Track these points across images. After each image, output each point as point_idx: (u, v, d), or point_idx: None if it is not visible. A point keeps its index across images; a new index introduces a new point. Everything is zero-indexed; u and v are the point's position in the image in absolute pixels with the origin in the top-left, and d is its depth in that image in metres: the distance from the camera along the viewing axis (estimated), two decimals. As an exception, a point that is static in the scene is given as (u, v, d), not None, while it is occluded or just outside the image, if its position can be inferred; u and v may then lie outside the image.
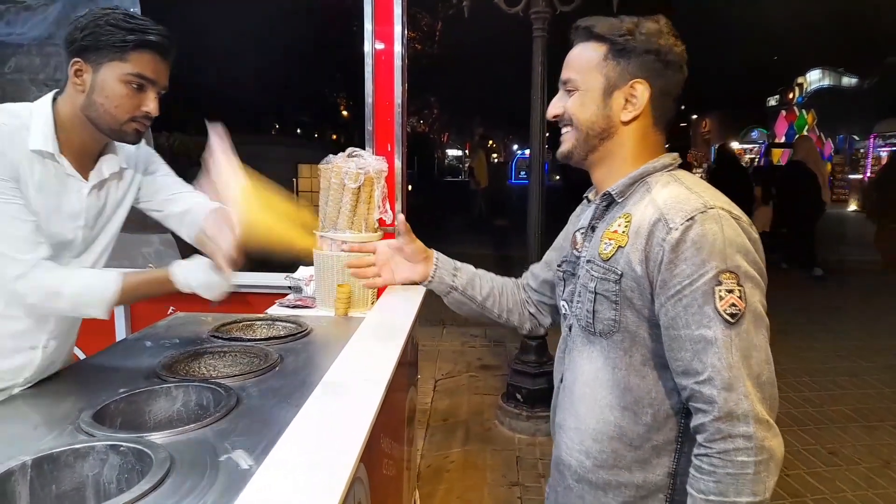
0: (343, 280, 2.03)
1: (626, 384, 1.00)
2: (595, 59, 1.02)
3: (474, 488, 2.77)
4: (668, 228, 0.92)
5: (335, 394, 1.30)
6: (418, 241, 1.36)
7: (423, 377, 3.84)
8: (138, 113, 1.25)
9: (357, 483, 1.10)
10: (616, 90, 1.01)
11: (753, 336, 0.88)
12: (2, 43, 2.41)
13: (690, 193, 0.95)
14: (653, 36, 1.00)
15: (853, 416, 3.47)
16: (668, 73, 1.01)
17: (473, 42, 11.62)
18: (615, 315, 0.99)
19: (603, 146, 1.04)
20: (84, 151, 1.31)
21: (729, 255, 0.89)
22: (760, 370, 0.88)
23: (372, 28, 2.29)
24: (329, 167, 2.07)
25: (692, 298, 0.89)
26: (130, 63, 1.21)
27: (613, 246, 1.00)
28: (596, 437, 1.03)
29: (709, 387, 0.87)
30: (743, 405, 0.85)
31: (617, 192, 1.04)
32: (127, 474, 1.04)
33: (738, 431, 0.85)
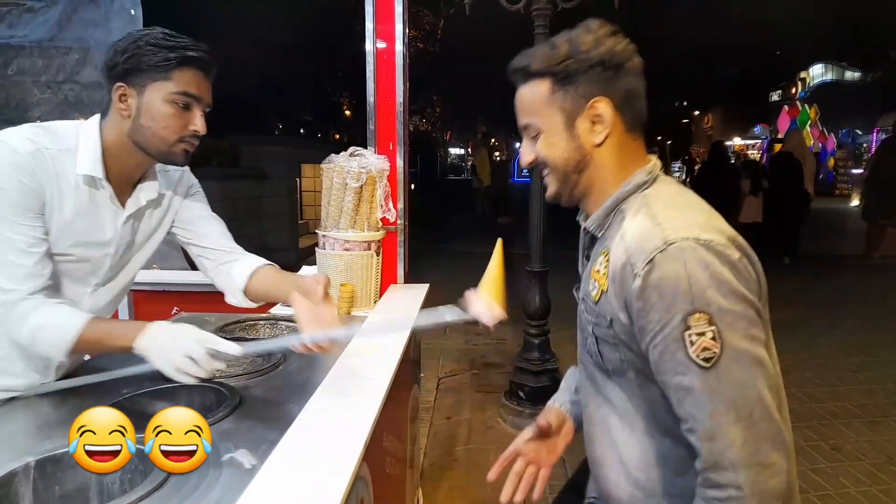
0: (346, 279, 2.03)
1: (652, 414, 0.95)
2: (543, 96, 0.96)
3: (477, 486, 2.77)
4: (633, 275, 0.86)
5: (338, 393, 1.30)
6: (548, 419, 1.21)
7: (426, 375, 3.85)
8: (186, 133, 1.22)
9: (360, 482, 1.11)
10: (577, 118, 0.96)
11: (738, 375, 0.81)
12: (4, 45, 2.42)
13: (654, 226, 0.87)
14: (591, 49, 0.93)
15: (856, 412, 3.46)
16: (621, 77, 0.94)
17: (475, 40, 11.61)
18: (620, 356, 0.94)
19: (584, 177, 0.99)
20: (125, 178, 1.28)
21: (696, 295, 0.81)
22: (751, 408, 0.81)
23: (373, 27, 2.29)
24: (331, 166, 2.07)
25: (664, 346, 0.84)
26: (174, 82, 1.18)
27: (598, 290, 0.95)
28: (641, 466, 0.97)
29: (693, 437, 0.83)
30: (728, 454, 0.80)
31: (594, 227, 1.00)
32: (130, 474, 1.04)
33: (726, 480, 0.80)
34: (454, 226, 11.47)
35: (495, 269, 1.10)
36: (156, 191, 1.34)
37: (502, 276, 1.10)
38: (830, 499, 2.64)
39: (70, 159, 1.20)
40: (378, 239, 2.13)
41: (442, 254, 8.15)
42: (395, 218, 2.28)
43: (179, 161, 1.26)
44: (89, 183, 1.22)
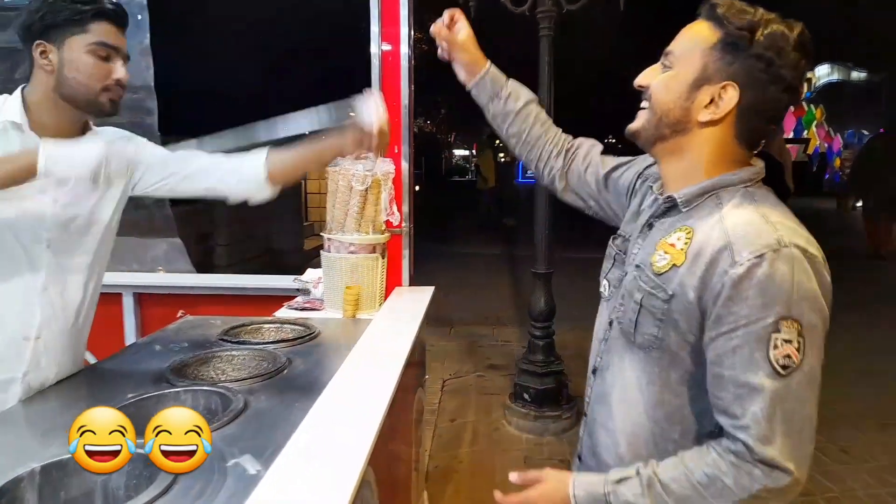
0: (351, 282, 2.03)
1: (659, 399, 0.95)
2: (703, 42, 0.90)
3: (482, 489, 2.77)
4: (732, 261, 0.83)
5: (343, 397, 1.30)
6: (475, 48, 1.27)
7: (431, 377, 3.84)
8: (110, 81, 1.28)
9: (365, 486, 1.10)
10: (706, 84, 0.90)
11: (803, 391, 0.83)
12: (13, 49, 2.42)
13: (765, 223, 0.85)
14: (775, 42, 0.86)
15: (866, 414, 3.44)
16: (770, 88, 0.88)
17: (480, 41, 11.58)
18: (658, 332, 0.92)
19: (674, 139, 0.94)
20: (60, 132, 1.31)
21: (795, 303, 0.81)
22: (803, 426, 0.83)
23: (379, 30, 2.29)
24: (337, 170, 2.07)
25: (744, 341, 0.82)
26: (92, 33, 1.25)
27: (668, 262, 0.91)
28: (630, 441, 0.99)
29: (745, 434, 0.83)
30: (776, 460, 0.81)
31: (683, 201, 0.95)
32: (135, 480, 1.04)
33: (758, 466, 0.82)
34: (459, 227, 11.47)
35: None
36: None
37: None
38: (838, 501, 2.62)
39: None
40: (383, 242, 2.13)
41: (447, 255, 8.15)
42: (400, 221, 2.28)
43: (107, 110, 1.31)
44: (15, 130, 1.26)
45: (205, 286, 2.55)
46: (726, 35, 0.89)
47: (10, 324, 1.31)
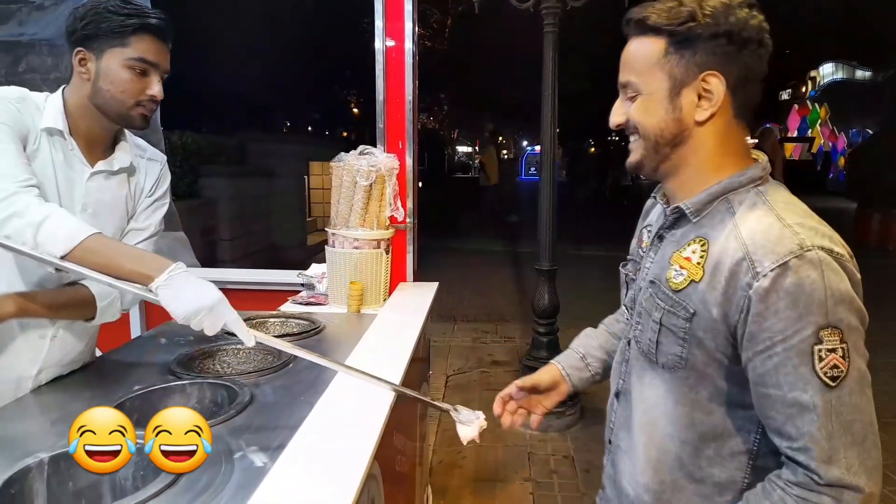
0: (355, 277, 2.03)
1: (689, 420, 0.89)
2: (654, 55, 0.87)
3: (486, 484, 2.77)
4: (754, 272, 0.78)
5: (348, 391, 1.30)
6: (541, 379, 1.20)
7: (435, 373, 3.85)
8: (144, 97, 1.27)
9: (371, 479, 1.10)
10: (684, 87, 0.86)
11: (858, 398, 0.77)
12: (14, 43, 2.43)
13: (783, 227, 0.80)
14: (720, 15, 0.83)
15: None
16: (745, 54, 0.84)
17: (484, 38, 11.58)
18: (682, 352, 0.88)
19: (676, 153, 0.90)
20: (93, 139, 1.33)
21: (831, 309, 0.76)
22: (865, 434, 0.77)
23: (383, 25, 2.29)
24: (341, 165, 2.07)
25: (785, 357, 0.77)
26: (132, 48, 1.24)
27: (686, 277, 0.87)
28: (656, 468, 0.94)
29: (805, 456, 0.77)
30: (845, 479, 0.76)
31: (692, 211, 0.89)
32: (143, 472, 1.04)
33: (829, 492, 0.76)
34: (462, 224, 11.46)
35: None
36: (129, 159, 1.39)
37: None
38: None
39: (38, 116, 1.26)
40: (387, 237, 2.13)
41: (450, 252, 8.15)
42: (404, 216, 2.28)
43: (138, 124, 1.31)
44: (56, 136, 1.27)
45: (209, 280, 2.55)
46: (672, 37, 0.85)
47: (29, 323, 1.31)
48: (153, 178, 1.49)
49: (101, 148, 1.36)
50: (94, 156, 1.34)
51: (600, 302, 1.16)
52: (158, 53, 1.27)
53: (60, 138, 1.28)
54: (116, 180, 1.39)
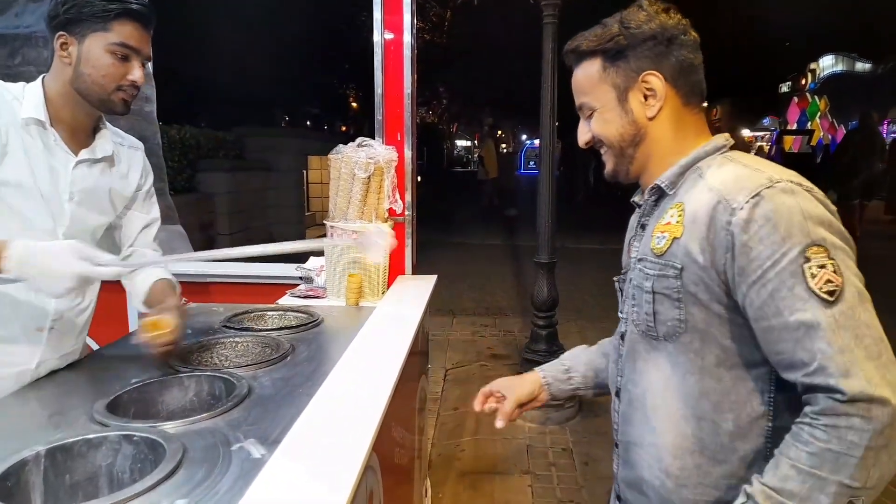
0: (354, 270, 2.03)
1: (700, 390, 0.89)
2: (595, 74, 0.97)
3: (485, 477, 2.78)
4: (731, 210, 0.82)
5: (346, 383, 1.30)
6: (522, 382, 1.25)
7: (434, 366, 3.85)
8: (125, 82, 1.27)
9: (369, 471, 1.10)
10: (629, 92, 0.96)
11: (860, 312, 0.77)
12: (10, 35, 2.42)
13: (751, 171, 0.86)
14: (642, 24, 0.94)
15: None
16: (673, 49, 0.94)
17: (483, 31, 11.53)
18: (679, 314, 0.89)
19: (639, 152, 0.98)
20: (75, 126, 1.32)
21: (812, 229, 0.79)
22: (879, 350, 0.76)
23: (381, 18, 2.27)
24: (339, 157, 2.07)
25: (779, 282, 0.79)
26: (114, 33, 1.23)
27: (668, 238, 0.91)
28: (675, 454, 0.92)
29: (822, 376, 0.76)
30: (868, 390, 0.73)
31: (667, 184, 0.96)
32: (140, 464, 1.04)
33: (855, 410, 0.74)
34: (461, 218, 11.45)
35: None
36: (110, 148, 1.39)
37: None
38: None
39: (17, 106, 1.25)
40: (387, 229, 2.12)
41: (449, 246, 8.15)
42: (403, 209, 2.27)
43: (118, 109, 1.30)
44: (37, 126, 1.27)
45: (207, 274, 2.55)
46: (604, 54, 0.96)
47: (25, 315, 1.31)
48: (138, 168, 1.49)
49: (84, 135, 1.35)
50: (78, 143, 1.33)
51: (599, 295, 1.15)
52: (140, 39, 1.27)
53: (41, 128, 1.27)
54: (99, 168, 1.38)
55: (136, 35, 1.26)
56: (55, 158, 1.29)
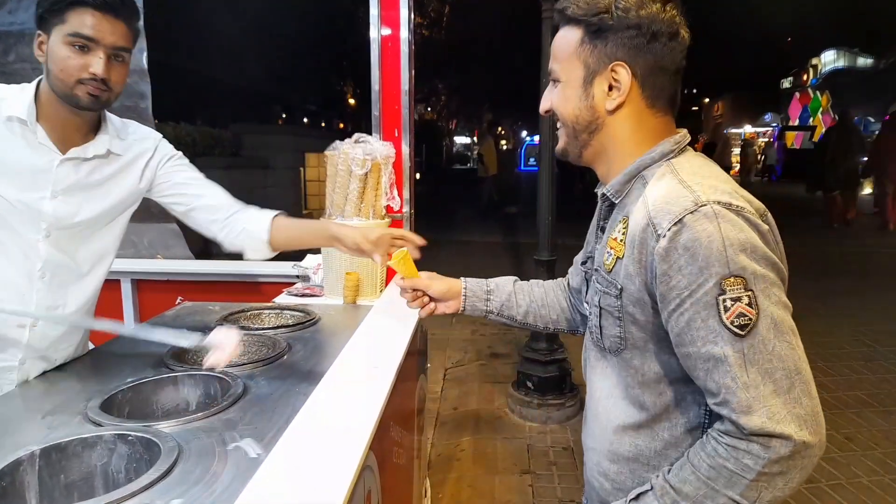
0: (351, 268, 2.01)
1: (640, 402, 0.92)
2: (572, 45, 0.91)
3: (485, 476, 2.77)
4: (655, 235, 0.81)
5: (344, 382, 1.29)
6: (443, 280, 1.23)
7: (433, 366, 3.84)
8: (85, 75, 1.21)
9: (367, 471, 1.09)
10: (596, 76, 0.90)
11: (774, 344, 0.77)
12: (4, 33, 2.40)
13: (682, 188, 0.83)
14: (632, 8, 0.87)
15: (868, 401, 3.43)
16: (654, 46, 0.88)
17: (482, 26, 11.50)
18: (620, 332, 0.91)
19: (594, 140, 0.94)
20: (64, 125, 1.29)
21: (731, 258, 0.77)
22: (791, 383, 0.77)
23: (378, 13, 2.26)
24: (336, 153, 2.05)
25: (694, 312, 0.79)
26: (69, 24, 1.19)
27: (613, 257, 0.91)
28: (612, 458, 0.96)
29: (726, 409, 0.78)
30: (766, 427, 0.75)
31: (612, 193, 0.94)
32: (135, 463, 1.03)
33: (757, 441, 0.76)
34: (460, 215, 11.44)
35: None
36: (105, 147, 1.36)
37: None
38: (843, 488, 2.62)
39: (5, 107, 1.24)
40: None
41: (448, 244, 8.13)
42: (401, 206, 2.25)
43: (85, 104, 1.25)
44: (20, 125, 1.25)
45: (203, 272, 2.53)
46: (587, 27, 0.90)
47: (5, 311, 1.29)
48: (148, 150, 1.46)
49: (80, 134, 1.32)
50: (70, 142, 1.31)
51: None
52: (99, 27, 1.20)
53: (23, 126, 1.25)
54: (91, 165, 1.35)
55: (94, 24, 1.19)
56: (38, 156, 1.27)
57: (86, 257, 1.39)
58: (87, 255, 1.40)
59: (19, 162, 1.25)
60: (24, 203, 1.27)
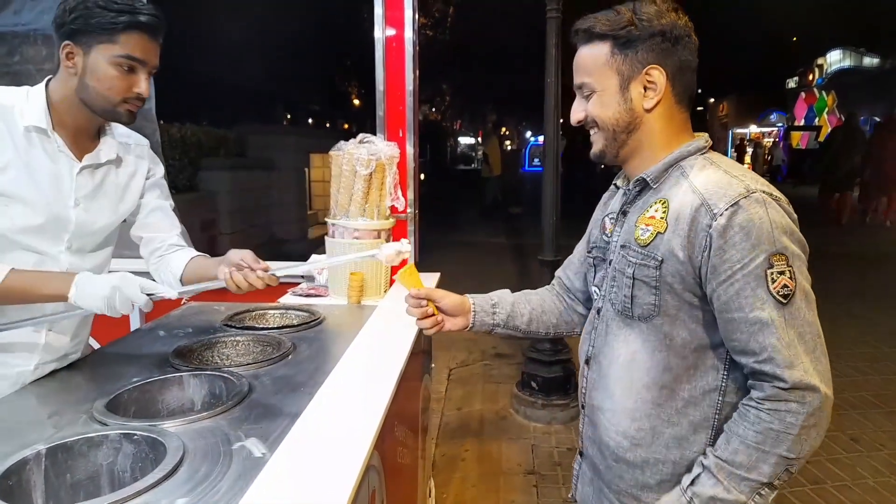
0: (355, 268, 2.02)
1: (665, 364, 1.01)
2: (602, 58, 1.01)
3: (490, 477, 2.77)
4: (711, 214, 0.92)
5: (348, 382, 1.29)
6: (451, 296, 1.25)
7: (438, 366, 3.83)
8: (130, 94, 1.25)
9: (371, 471, 1.09)
10: (632, 81, 1.01)
11: (805, 313, 0.92)
12: (9, 34, 2.40)
13: (730, 178, 0.96)
14: (654, 18, 0.99)
15: (874, 402, 3.41)
16: (678, 48, 1.00)
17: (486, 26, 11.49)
18: (655, 300, 1.00)
19: (632, 139, 1.04)
20: (78, 132, 1.31)
21: (777, 238, 0.91)
22: (815, 345, 0.92)
23: (383, 13, 2.26)
24: (340, 153, 2.05)
25: (745, 283, 0.91)
26: (120, 45, 1.20)
27: (652, 232, 1.00)
28: (633, 416, 1.05)
29: (770, 365, 0.90)
30: (805, 380, 0.89)
31: (651, 178, 1.04)
32: (140, 463, 1.04)
33: (794, 396, 0.89)
34: (464, 215, 11.43)
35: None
36: (115, 151, 1.38)
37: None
38: (849, 489, 2.60)
39: (16, 115, 1.23)
40: (388, 227, 2.11)
41: (452, 244, 8.13)
42: (405, 206, 2.26)
43: (124, 120, 1.29)
44: (38, 134, 1.25)
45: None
46: (615, 40, 1.00)
47: (23, 318, 1.29)
48: (145, 164, 1.48)
49: (88, 139, 1.33)
50: (81, 148, 1.31)
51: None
52: (147, 50, 1.24)
53: (43, 135, 1.25)
54: (103, 171, 1.37)
55: (143, 46, 1.23)
56: (59, 165, 1.28)
57: (96, 264, 1.40)
58: (99, 261, 1.41)
59: (43, 172, 1.25)
60: (52, 214, 1.27)
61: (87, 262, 1.37)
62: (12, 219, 1.23)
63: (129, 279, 1.19)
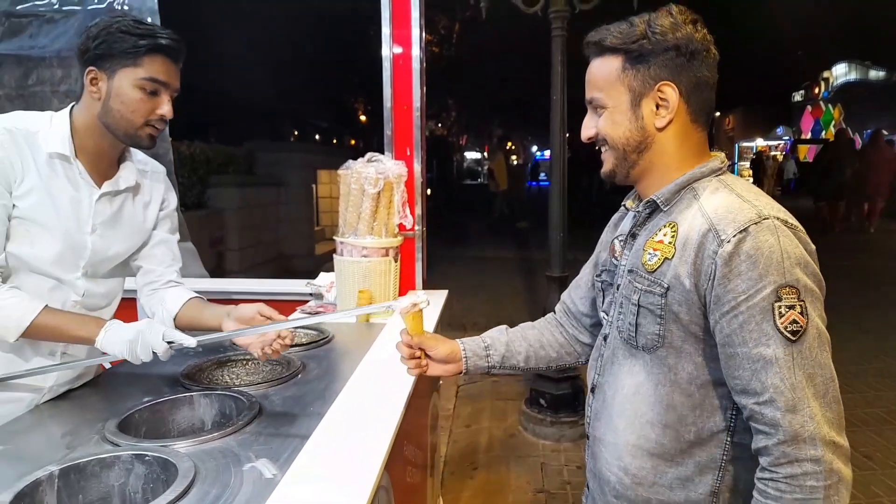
0: (364, 286, 2.02)
1: (669, 401, 0.94)
2: (614, 72, 0.96)
3: (498, 495, 2.74)
4: (719, 240, 0.86)
5: (358, 402, 1.29)
6: (442, 345, 1.18)
7: (446, 383, 3.82)
8: (153, 117, 1.27)
9: (381, 491, 1.09)
10: (643, 98, 0.95)
11: (818, 353, 0.83)
12: (26, 57, 2.45)
13: (742, 202, 0.89)
14: (668, 32, 0.92)
15: (887, 419, 3.37)
16: (694, 64, 0.93)
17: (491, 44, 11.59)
18: (659, 329, 0.94)
19: (643, 159, 0.98)
20: (100, 158, 1.33)
21: (787, 269, 0.83)
22: (826, 388, 0.83)
23: (390, 32, 2.29)
24: (349, 172, 2.07)
25: (749, 315, 0.84)
26: (143, 68, 1.23)
27: (659, 257, 0.94)
28: (634, 454, 0.98)
29: (770, 408, 0.82)
30: (809, 427, 0.80)
31: (662, 200, 0.98)
32: (152, 484, 1.04)
33: (805, 455, 0.80)
34: (471, 230, 11.45)
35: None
36: (134, 178, 1.39)
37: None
38: (863, 508, 2.56)
39: (39, 141, 1.25)
40: (396, 245, 2.12)
41: (460, 259, 8.13)
42: (413, 224, 2.27)
43: (145, 144, 1.31)
44: (61, 160, 1.27)
45: (217, 291, 2.55)
46: (627, 54, 0.95)
47: (36, 340, 1.30)
48: (160, 192, 1.49)
49: (108, 165, 1.35)
50: (101, 175, 1.33)
51: (612, 309, 1.14)
52: (169, 73, 1.27)
53: (66, 162, 1.27)
54: (121, 199, 1.38)
55: (165, 69, 1.26)
56: (79, 191, 1.29)
57: (109, 289, 1.42)
58: (113, 285, 1.43)
59: (64, 198, 1.27)
60: (71, 241, 1.29)
61: (101, 287, 1.38)
62: (32, 244, 1.25)
63: (153, 326, 1.20)
